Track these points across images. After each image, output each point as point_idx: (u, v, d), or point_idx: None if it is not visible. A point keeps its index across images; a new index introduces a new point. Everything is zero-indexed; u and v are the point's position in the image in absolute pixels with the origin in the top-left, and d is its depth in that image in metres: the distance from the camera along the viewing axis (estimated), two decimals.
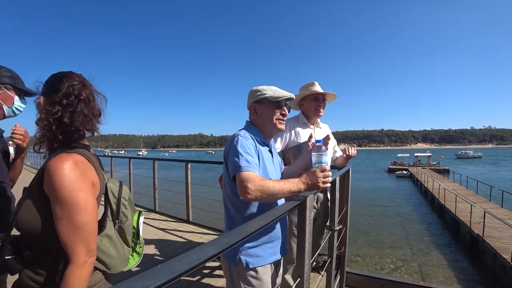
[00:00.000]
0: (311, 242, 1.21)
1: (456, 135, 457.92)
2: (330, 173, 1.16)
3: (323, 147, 1.22)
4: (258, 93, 1.31)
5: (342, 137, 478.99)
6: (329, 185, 1.16)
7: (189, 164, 4.52)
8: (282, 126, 1.33)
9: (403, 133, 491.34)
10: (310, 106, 2.16)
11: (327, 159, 1.22)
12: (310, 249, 1.19)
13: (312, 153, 1.22)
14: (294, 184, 1.12)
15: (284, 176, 1.49)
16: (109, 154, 14.19)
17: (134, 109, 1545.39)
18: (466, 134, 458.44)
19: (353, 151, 2.11)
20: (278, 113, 1.31)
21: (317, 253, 1.99)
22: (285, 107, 1.34)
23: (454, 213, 12.71)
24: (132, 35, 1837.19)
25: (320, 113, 2.18)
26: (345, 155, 2.16)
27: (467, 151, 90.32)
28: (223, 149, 1.30)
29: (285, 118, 1.35)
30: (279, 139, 2.09)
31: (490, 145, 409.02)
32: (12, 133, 1.40)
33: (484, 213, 9.82)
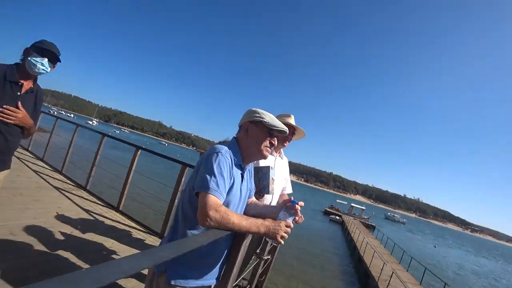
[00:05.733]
0: (239, 267, 1.22)
1: (390, 198, 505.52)
2: (289, 231, 1.18)
3: (294, 211, 1.25)
4: (256, 114, 1.31)
5: (293, 169, 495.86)
6: (283, 242, 1.17)
7: (139, 151, 4.28)
8: (267, 154, 1.33)
9: (348, 182, 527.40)
10: (279, 135, 2.23)
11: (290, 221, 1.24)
12: (236, 273, 1.21)
13: (283, 210, 1.26)
14: (255, 226, 1.11)
15: (248, 206, 1.44)
16: (55, 113, 12.76)
17: (99, 73, 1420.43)
18: (398, 200, 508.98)
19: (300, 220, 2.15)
20: (268, 141, 1.32)
21: (241, 277, 1.99)
22: (275, 138, 1.35)
23: (368, 266, 13.83)
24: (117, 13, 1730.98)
25: (285, 144, 2.26)
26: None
27: (395, 215, 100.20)
28: (177, 144, 1.22)
29: (271, 148, 1.35)
30: None
31: (414, 215, 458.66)
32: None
33: (392, 273, 10.85)
